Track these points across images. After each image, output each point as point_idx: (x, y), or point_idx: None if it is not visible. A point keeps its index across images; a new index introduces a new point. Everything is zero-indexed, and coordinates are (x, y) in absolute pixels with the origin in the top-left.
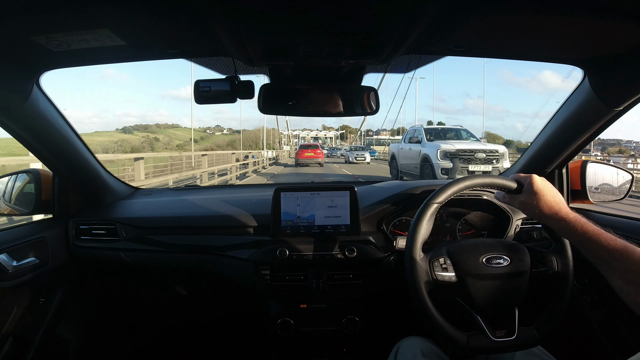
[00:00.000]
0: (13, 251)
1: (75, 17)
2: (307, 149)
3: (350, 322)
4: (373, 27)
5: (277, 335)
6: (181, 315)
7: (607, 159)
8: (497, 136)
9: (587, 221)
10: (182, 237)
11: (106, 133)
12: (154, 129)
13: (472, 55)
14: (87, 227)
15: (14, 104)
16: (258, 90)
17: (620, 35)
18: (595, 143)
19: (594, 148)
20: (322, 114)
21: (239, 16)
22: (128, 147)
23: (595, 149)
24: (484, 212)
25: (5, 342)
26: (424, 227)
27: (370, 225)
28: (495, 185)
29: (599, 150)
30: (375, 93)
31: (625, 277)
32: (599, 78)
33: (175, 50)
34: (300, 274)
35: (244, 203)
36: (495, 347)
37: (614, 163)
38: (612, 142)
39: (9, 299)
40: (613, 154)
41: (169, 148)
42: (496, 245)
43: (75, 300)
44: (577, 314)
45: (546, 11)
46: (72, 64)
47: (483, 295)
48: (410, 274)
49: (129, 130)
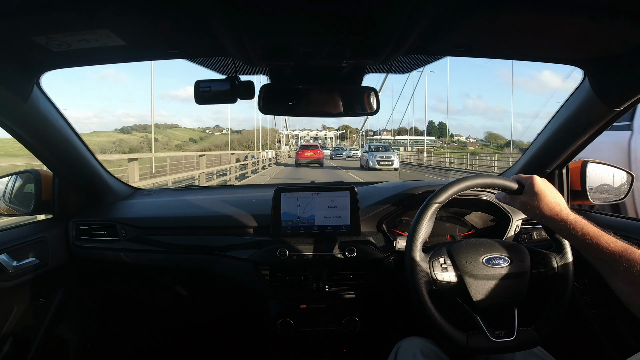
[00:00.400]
0: (13, 251)
1: (76, 18)
2: (307, 149)
3: (350, 322)
4: (373, 27)
5: (277, 336)
6: (181, 316)
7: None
8: (498, 136)
9: (587, 222)
10: (182, 238)
11: (104, 133)
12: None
13: (472, 55)
14: (87, 228)
15: (14, 104)
16: (258, 90)
17: (620, 35)
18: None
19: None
20: (322, 114)
21: (239, 16)
22: (126, 147)
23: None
24: (484, 213)
25: (5, 342)
26: (424, 227)
27: (370, 225)
28: (496, 185)
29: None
30: (375, 93)
31: (626, 279)
32: (599, 78)
33: (176, 51)
34: (300, 274)
35: (244, 203)
36: (494, 347)
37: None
38: None
39: (9, 299)
40: None
41: (168, 148)
42: (496, 245)
43: (75, 301)
44: (577, 315)
45: (546, 11)
46: (72, 64)
47: (483, 295)
48: (410, 274)
49: (128, 130)
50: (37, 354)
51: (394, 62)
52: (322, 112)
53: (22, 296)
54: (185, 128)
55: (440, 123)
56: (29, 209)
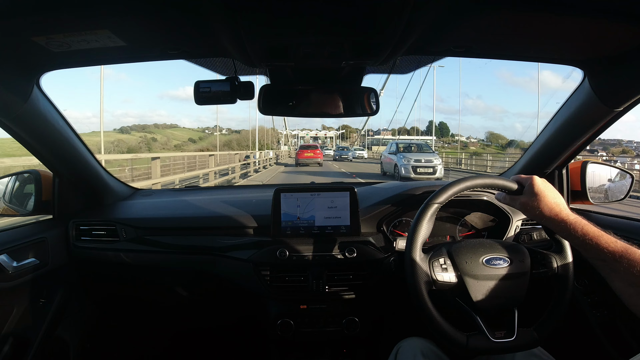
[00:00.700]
0: (13, 252)
1: (76, 18)
2: (307, 149)
3: (350, 322)
4: (373, 28)
5: (277, 336)
6: (181, 316)
7: (614, 159)
8: (500, 136)
9: (587, 223)
10: (182, 238)
11: (103, 133)
12: (152, 129)
13: (472, 55)
14: (87, 228)
15: (14, 104)
16: (258, 90)
17: (620, 35)
18: (596, 143)
19: (597, 148)
20: (322, 114)
21: (239, 17)
22: (125, 147)
23: (597, 148)
24: (484, 213)
25: (5, 342)
26: (424, 227)
27: (370, 226)
28: (495, 186)
29: (601, 150)
30: (375, 94)
31: (626, 280)
32: (599, 79)
33: (176, 51)
34: (300, 275)
35: (244, 204)
36: (495, 347)
37: (613, 163)
38: (613, 142)
39: (9, 300)
40: (617, 154)
41: (167, 148)
42: (496, 246)
43: (75, 301)
44: (578, 315)
45: (546, 12)
46: (72, 65)
47: (483, 296)
48: (410, 274)
49: (127, 130)
50: (37, 354)
51: (393, 62)
52: (322, 112)
53: (22, 296)
54: (185, 128)
55: (440, 123)
56: (29, 209)
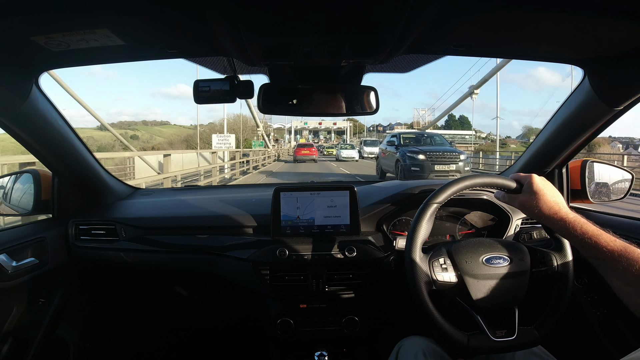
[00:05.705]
0: (13, 251)
1: (75, 17)
2: (304, 147)
3: (350, 322)
4: (373, 27)
5: (277, 336)
6: (181, 315)
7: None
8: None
9: (586, 221)
10: (181, 237)
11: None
12: (138, 126)
13: (472, 54)
14: (87, 227)
15: (13, 103)
16: (257, 89)
17: (620, 35)
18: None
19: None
20: (322, 113)
21: (238, 16)
22: (95, 145)
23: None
24: (483, 212)
25: (5, 342)
26: (423, 227)
27: (370, 225)
28: (495, 185)
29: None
30: (375, 92)
31: (625, 278)
32: (599, 78)
33: (175, 50)
34: (300, 274)
35: (243, 203)
36: (495, 347)
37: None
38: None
39: (8, 300)
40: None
41: (146, 147)
42: (496, 245)
43: (75, 301)
44: (578, 314)
45: (546, 11)
46: (71, 64)
47: (483, 295)
48: (410, 274)
49: (104, 127)
50: (37, 354)
51: (393, 61)
52: (322, 111)
53: (22, 296)
54: (176, 125)
55: (461, 117)
56: (29, 209)
